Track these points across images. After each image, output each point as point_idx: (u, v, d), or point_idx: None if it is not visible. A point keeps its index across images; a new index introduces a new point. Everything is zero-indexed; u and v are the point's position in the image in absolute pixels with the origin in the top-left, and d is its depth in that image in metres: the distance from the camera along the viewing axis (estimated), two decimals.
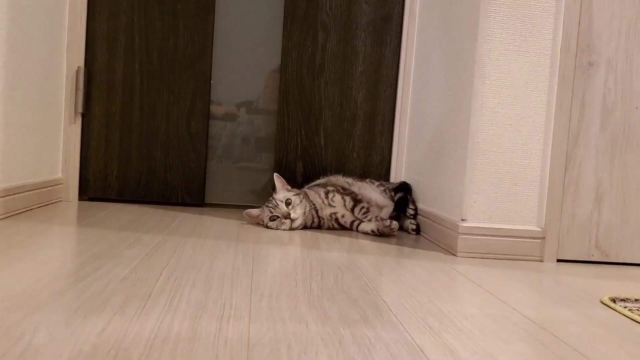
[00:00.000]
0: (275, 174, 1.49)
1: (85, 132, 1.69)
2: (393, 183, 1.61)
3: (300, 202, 1.41)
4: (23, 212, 1.39)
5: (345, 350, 0.62)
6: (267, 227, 1.41)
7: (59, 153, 1.66)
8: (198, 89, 1.71)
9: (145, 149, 1.71)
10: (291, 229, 1.39)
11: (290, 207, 1.39)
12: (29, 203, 1.44)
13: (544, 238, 1.22)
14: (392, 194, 1.53)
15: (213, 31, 1.71)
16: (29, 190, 1.44)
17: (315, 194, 1.46)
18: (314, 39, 1.73)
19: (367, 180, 1.57)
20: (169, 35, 1.68)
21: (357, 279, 0.93)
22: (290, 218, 1.38)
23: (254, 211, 1.45)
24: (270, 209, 1.40)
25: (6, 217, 1.30)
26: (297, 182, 1.67)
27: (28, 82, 1.43)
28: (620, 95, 1.21)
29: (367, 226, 1.41)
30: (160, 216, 1.18)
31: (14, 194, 1.35)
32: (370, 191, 1.52)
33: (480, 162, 1.21)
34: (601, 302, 0.90)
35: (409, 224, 1.46)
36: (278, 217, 1.39)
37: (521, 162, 1.22)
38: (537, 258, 1.22)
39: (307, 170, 1.75)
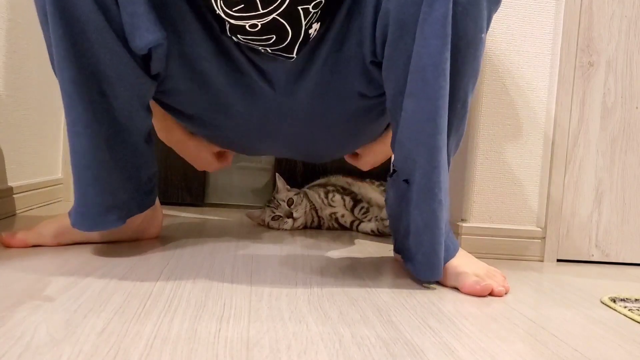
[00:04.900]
0: (277, 174, 1.49)
1: None
2: None
3: (302, 201, 1.42)
4: (23, 212, 1.39)
5: (345, 350, 0.62)
6: (268, 226, 1.41)
7: (59, 153, 1.66)
8: None
9: None
10: (292, 228, 1.40)
11: (292, 206, 1.40)
12: (29, 203, 1.44)
13: (544, 238, 1.22)
14: None
15: None
16: (29, 191, 1.44)
17: (315, 194, 1.46)
18: None
19: (367, 180, 1.57)
20: None
21: (357, 278, 0.93)
22: (292, 217, 1.39)
23: (255, 212, 1.46)
24: (272, 208, 1.41)
25: (6, 218, 1.30)
26: (297, 182, 1.67)
27: (28, 81, 1.43)
28: (620, 95, 1.21)
29: (367, 226, 1.41)
30: None
31: (14, 194, 1.35)
32: (370, 191, 1.52)
33: (480, 162, 1.21)
34: (601, 302, 0.90)
35: None
36: (280, 216, 1.39)
37: (521, 162, 1.22)
38: (537, 258, 1.22)
39: (307, 170, 1.75)
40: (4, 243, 0.99)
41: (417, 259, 0.92)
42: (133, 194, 1.04)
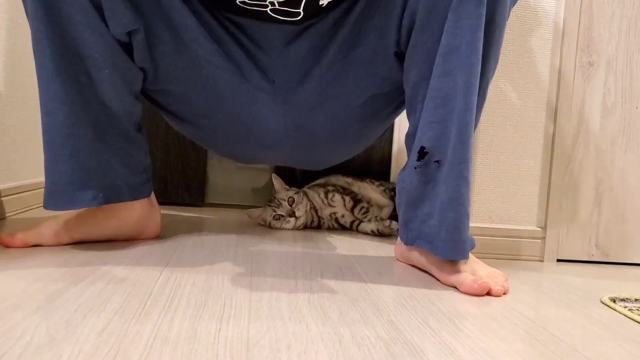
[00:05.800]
0: (273, 174, 1.49)
1: None
2: (393, 183, 1.61)
3: (302, 200, 1.42)
4: (23, 212, 1.39)
5: (345, 349, 0.62)
6: (269, 226, 1.41)
7: None
8: None
9: None
10: (294, 227, 1.40)
11: (294, 205, 1.40)
12: (29, 203, 1.44)
13: (544, 238, 1.22)
14: (392, 194, 1.53)
15: None
16: (29, 190, 1.44)
17: (315, 194, 1.46)
18: None
19: (367, 180, 1.57)
20: None
21: (357, 278, 0.93)
22: (295, 216, 1.38)
23: (256, 211, 1.45)
24: (274, 208, 1.40)
25: (5, 217, 1.30)
26: (297, 181, 1.67)
27: (28, 82, 1.43)
28: (620, 95, 1.21)
29: (367, 226, 1.41)
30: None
31: (14, 194, 1.35)
32: (370, 191, 1.52)
33: (480, 162, 1.21)
34: (601, 302, 0.90)
35: None
36: (282, 216, 1.39)
37: (521, 162, 1.22)
38: (537, 258, 1.22)
39: (307, 170, 1.75)
40: (4, 243, 0.99)
41: (440, 237, 0.93)
42: (125, 180, 1.04)
